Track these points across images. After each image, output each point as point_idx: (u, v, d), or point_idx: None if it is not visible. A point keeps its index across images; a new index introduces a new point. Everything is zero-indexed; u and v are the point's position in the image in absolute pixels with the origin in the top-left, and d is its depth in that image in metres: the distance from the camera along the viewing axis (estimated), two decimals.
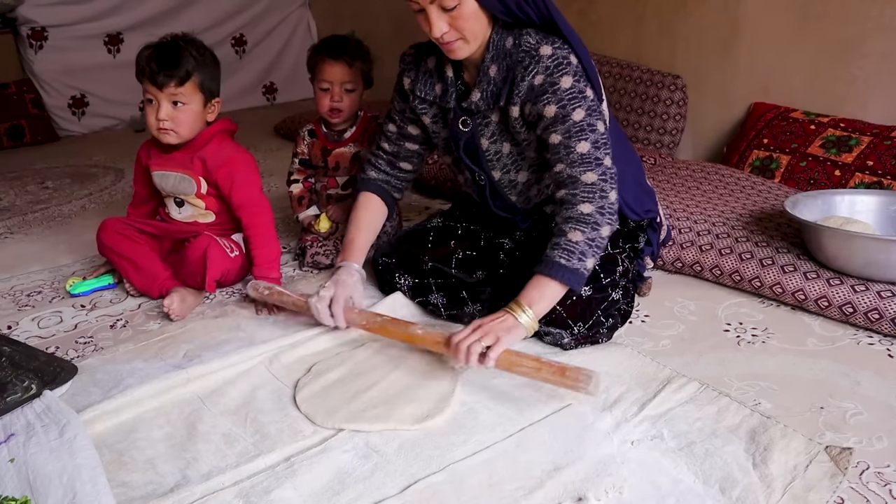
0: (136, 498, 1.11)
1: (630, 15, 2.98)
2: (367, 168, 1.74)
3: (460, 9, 1.36)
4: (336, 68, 1.87)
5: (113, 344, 1.61)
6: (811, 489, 1.07)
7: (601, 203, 1.40)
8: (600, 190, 1.40)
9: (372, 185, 1.73)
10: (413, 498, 1.09)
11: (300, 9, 4.72)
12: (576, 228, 1.39)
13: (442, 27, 1.37)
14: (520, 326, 1.33)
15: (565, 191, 1.43)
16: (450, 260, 1.71)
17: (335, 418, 1.27)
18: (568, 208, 1.41)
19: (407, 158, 1.72)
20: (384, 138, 1.72)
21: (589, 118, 1.41)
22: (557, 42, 1.42)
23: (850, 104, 2.34)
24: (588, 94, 1.42)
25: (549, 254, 1.39)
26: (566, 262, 1.37)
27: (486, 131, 1.55)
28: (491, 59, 1.45)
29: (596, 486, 1.09)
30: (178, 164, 1.78)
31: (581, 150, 1.41)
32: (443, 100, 1.56)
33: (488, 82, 1.47)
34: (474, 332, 1.31)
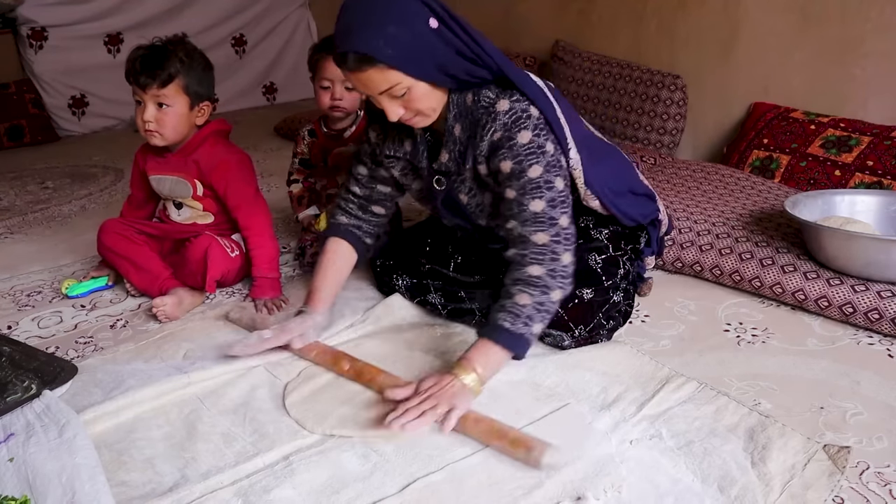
0: (136, 497, 1.11)
1: (630, 15, 2.98)
2: (337, 213, 1.64)
3: (410, 93, 1.28)
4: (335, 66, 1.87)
5: (113, 344, 1.61)
6: (809, 488, 1.08)
7: (552, 266, 1.32)
8: (551, 252, 1.32)
9: (342, 230, 1.61)
10: (412, 497, 1.09)
11: (300, 9, 4.72)
12: (524, 291, 1.31)
13: (397, 111, 1.31)
14: (468, 389, 1.25)
15: (515, 250, 1.36)
16: (448, 263, 1.70)
17: (326, 424, 1.25)
18: (517, 269, 1.34)
19: (379, 202, 1.62)
20: (354, 182, 1.61)
21: (546, 174, 1.33)
22: (515, 95, 1.34)
23: (850, 104, 2.34)
24: (548, 148, 1.34)
25: (493, 316, 1.32)
26: (510, 326, 1.29)
27: (462, 188, 1.49)
28: (454, 118, 1.38)
29: (595, 485, 1.09)
30: (173, 168, 1.78)
31: (534, 208, 1.33)
32: (413, 157, 1.49)
33: (454, 142, 1.40)
34: (425, 400, 1.22)
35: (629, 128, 2.87)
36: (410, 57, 1.24)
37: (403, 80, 1.26)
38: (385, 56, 1.22)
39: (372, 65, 1.23)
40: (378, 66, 1.23)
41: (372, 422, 1.26)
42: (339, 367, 1.42)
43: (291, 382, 1.39)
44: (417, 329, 1.62)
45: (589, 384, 1.37)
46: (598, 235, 1.58)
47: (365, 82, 1.27)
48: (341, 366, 1.42)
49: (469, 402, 1.24)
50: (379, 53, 1.22)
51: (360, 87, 1.30)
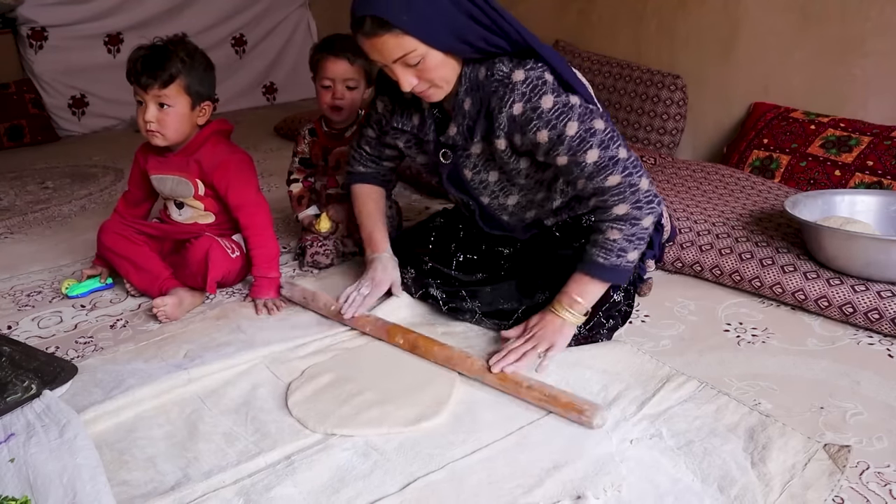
0: (137, 496, 1.11)
1: (630, 15, 2.98)
2: (353, 163, 1.76)
3: (425, 62, 1.30)
4: (338, 65, 1.88)
5: (113, 344, 1.61)
6: (809, 487, 1.08)
7: (635, 198, 1.37)
8: (629, 186, 1.37)
9: (364, 176, 1.74)
10: (412, 496, 1.09)
11: (300, 9, 4.72)
12: (613, 227, 1.38)
13: (410, 81, 1.33)
14: (567, 324, 1.37)
15: (596, 199, 1.41)
16: (450, 262, 1.71)
17: (327, 423, 1.26)
18: (604, 212, 1.40)
19: (389, 158, 1.73)
20: (364, 140, 1.71)
21: (583, 125, 1.35)
22: (529, 63, 1.34)
23: (850, 104, 2.34)
24: (572, 101, 1.35)
25: (588, 251, 1.40)
26: (603, 261, 1.38)
27: (468, 163, 1.51)
28: (465, 92, 1.39)
29: (595, 484, 1.10)
30: (174, 168, 1.78)
31: (591, 159, 1.36)
32: (420, 131, 1.51)
33: (463, 116, 1.42)
34: (527, 341, 1.33)
35: (629, 128, 2.87)
36: (426, 23, 1.25)
37: (418, 48, 1.27)
38: (401, 21, 1.24)
39: (388, 30, 1.25)
40: (394, 31, 1.25)
41: (373, 421, 1.26)
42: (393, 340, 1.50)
43: (294, 382, 1.39)
44: (419, 328, 1.62)
45: (589, 382, 1.37)
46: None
47: (380, 49, 1.28)
48: (395, 339, 1.50)
49: (568, 337, 1.38)
50: (395, 18, 1.23)
51: (375, 54, 1.30)
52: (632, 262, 1.40)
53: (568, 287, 1.40)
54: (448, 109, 1.46)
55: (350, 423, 1.26)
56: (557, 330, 1.36)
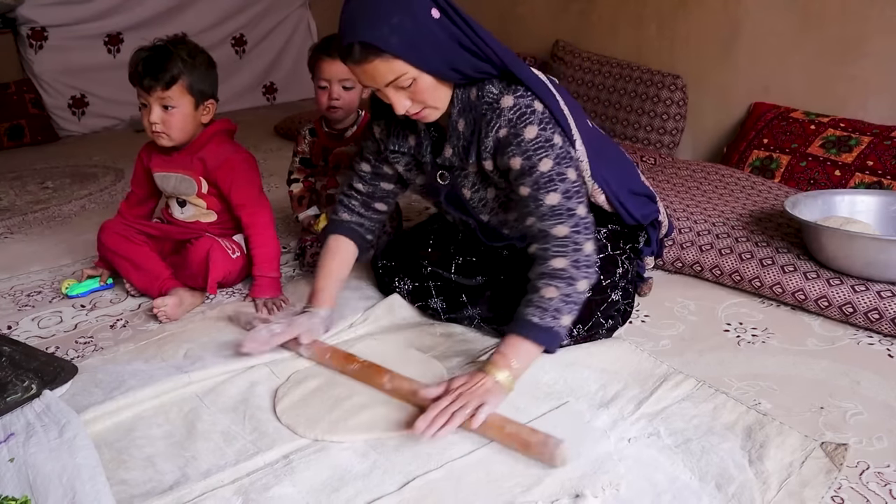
0: (136, 495, 1.11)
1: (630, 15, 2.98)
2: (339, 210, 1.64)
3: (416, 85, 1.29)
4: (334, 66, 1.88)
5: (113, 344, 1.61)
6: (807, 485, 1.08)
7: (575, 257, 1.31)
8: (573, 243, 1.32)
9: (344, 227, 1.62)
10: (411, 495, 1.09)
11: (300, 9, 4.72)
12: (549, 284, 1.30)
13: (404, 104, 1.31)
14: (499, 387, 1.24)
15: (537, 245, 1.35)
16: (449, 264, 1.70)
17: (317, 429, 1.24)
18: (541, 264, 1.33)
19: (382, 199, 1.63)
20: (357, 178, 1.62)
21: (557, 167, 1.33)
22: (520, 90, 1.34)
23: (850, 104, 2.34)
24: (556, 140, 1.34)
25: (521, 311, 1.31)
26: (538, 321, 1.28)
27: (466, 182, 1.49)
28: (458, 113, 1.38)
29: (593, 482, 1.10)
30: (178, 166, 1.78)
31: (550, 202, 1.33)
32: (417, 152, 1.50)
33: (458, 137, 1.41)
34: (455, 401, 1.21)
35: (629, 128, 2.87)
36: (415, 46, 1.24)
37: (409, 71, 1.27)
38: (390, 45, 1.23)
39: (377, 55, 1.24)
40: (383, 55, 1.24)
41: (363, 426, 1.25)
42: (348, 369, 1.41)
43: (281, 388, 1.38)
44: (417, 329, 1.62)
45: (587, 381, 1.37)
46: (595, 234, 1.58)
47: (371, 74, 1.27)
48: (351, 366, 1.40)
49: (501, 399, 1.24)
50: (384, 43, 1.22)
51: (367, 79, 1.30)
52: (564, 329, 1.30)
53: (500, 349, 1.29)
54: (444, 126, 1.45)
55: (340, 428, 1.24)
56: (488, 390, 1.23)
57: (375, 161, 1.58)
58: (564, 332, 1.32)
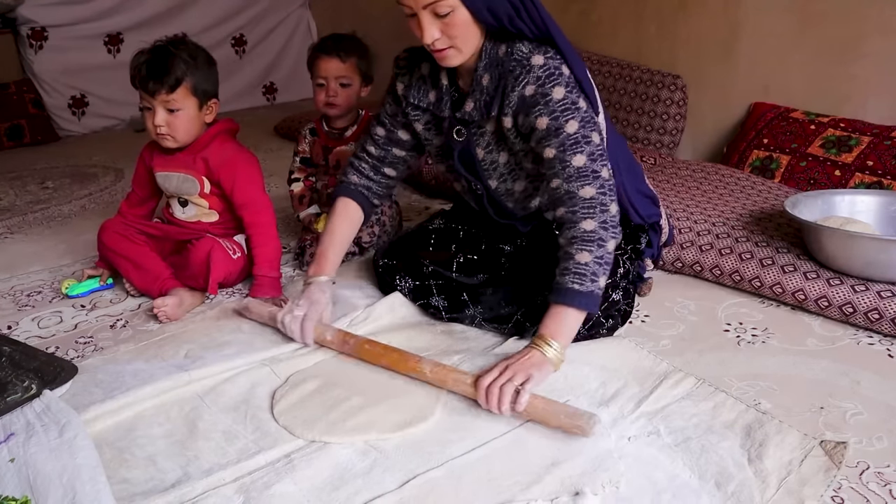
0: (138, 494, 1.11)
1: (630, 15, 2.98)
2: (348, 172, 1.68)
3: (453, 16, 1.31)
4: (330, 63, 1.90)
5: (113, 344, 1.61)
6: (806, 483, 1.08)
7: (603, 217, 1.35)
8: (600, 204, 1.35)
9: (352, 190, 1.66)
10: (411, 493, 1.09)
11: (300, 9, 4.72)
12: (582, 249, 1.34)
13: (434, 33, 1.33)
14: (548, 361, 1.29)
15: (564, 208, 1.38)
16: (451, 263, 1.70)
17: (315, 430, 1.24)
18: (570, 227, 1.36)
19: (393, 164, 1.66)
20: (371, 142, 1.65)
21: (583, 129, 1.36)
22: (550, 52, 1.37)
23: (850, 104, 2.34)
24: (581, 104, 1.37)
25: (561, 280, 1.34)
26: (580, 287, 1.32)
27: (481, 141, 1.51)
28: (484, 67, 1.41)
29: (593, 480, 1.10)
30: (181, 165, 1.78)
31: (577, 163, 1.36)
32: (437, 108, 1.52)
33: (481, 91, 1.43)
34: (503, 374, 1.25)
35: (629, 128, 2.87)
36: None
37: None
38: None
39: None
40: None
41: (360, 427, 1.24)
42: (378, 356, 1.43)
43: (279, 389, 1.37)
44: (418, 328, 1.62)
45: (587, 379, 1.38)
46: None
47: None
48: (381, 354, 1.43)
49: (548, 374, 1.29)
50: None
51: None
52: (601, 290, 1.35)
53: (546, 322, 1.33)
54: (464, 88, 1.48)
55: (337, 429, 1.24)
56: (536, 364, 1.27)
57: (391, 125, 1.62)
58: (601, 294, 1.35)
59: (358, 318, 1.65)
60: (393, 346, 1.45)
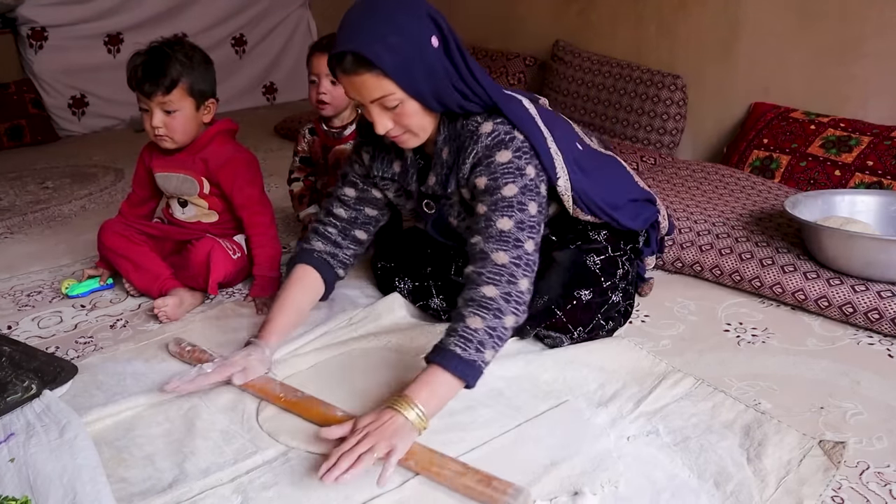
0: (136, 493, 1.11)
1: (630, 15, 2.98)
2: (311, 238, 1.55)
3: (402, 107, 1.27)
4: (322, 60, 1.87)
5: (113, 344, 1.61)
6: (804, 483, 1.08)
7: (508, 289, 1.25)
8: (509, 274, 1.26)
9: (315, 258, 1.53)
10: (411, 492, 1.10)
11: (300, 9, 4.72)
12: (475, 314, 1.23)
13: (386, 124, 1.29)
14: (410, 426, 1.14)
15: (473, 267, 1.29)
16: (450, 266, 1.70)
17: (299, 438, 1.23)
18: (471, 288, 1.27)
19: (364, 226, 1.56)
20: (339, 203, 1.55)
21: (521, 196, 1.30)
22: (500, 119, 1.33)
23: (850, 104, 2.34)
24: (528, 171, 1.31)
25: (444, 340, 1.23)
26: (461, 353, 1.19)
27: (451, 211, 1.47)
28: (443, 141, 1.37)
29: (592, 480, 1.10)
30: (180, 166, 1.78)
31: (501, 226, 1.28)
32: (402, 180, 1.47)
33: (441, 165, 1.39)
34: (361, 442, 1.10)
35: (629, 128, 2.87)
36: (407, 70, 1.23)
37: (396, 92, 1.25)
38: (383, 62, 1.21)
39: (368, 69, 1.22)
40: (374, 71, 1.22)
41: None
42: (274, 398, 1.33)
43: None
44: (418, 328, 1.62)
45: (587, 379, 1.38)
46: (596, 236, 1.57)
47: (359, 87, 1.26)
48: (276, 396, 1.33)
49: (410, 440, 1.14)
50: (377, 59, 1.21)
51: (354, 92, 1.28)
52: (485, 365, 1.22)
53: (416, 384, 1.19)
54: (430, 153, 1.44)
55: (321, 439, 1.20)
56: (398, 431, 1.12)
57: (363, 184, 1.54)
58: (484, 369, 1.22)
59: (357, 317, 1.65)
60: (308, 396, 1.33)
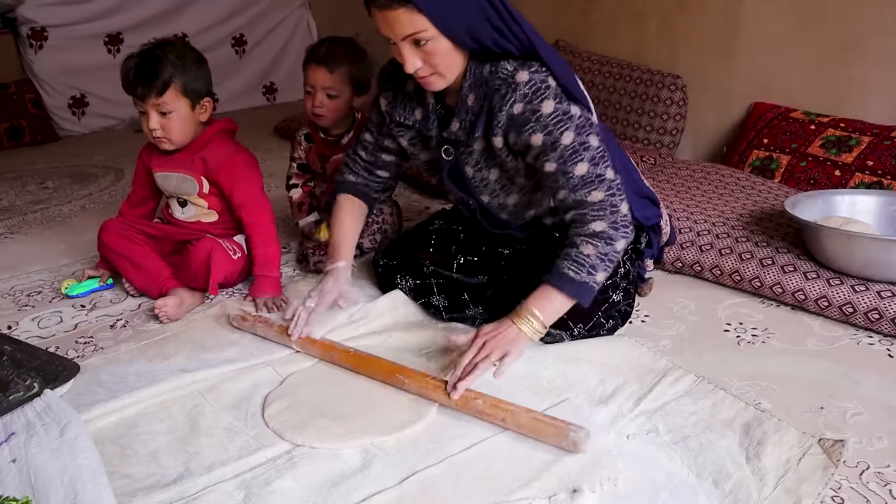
0: (140, 489, 1.12)
1: (630, 15, 2.98)
2: (344, 171, 1.69)
3: (433, 45, 1.28)
4: (317, 73, 1.85)
5: (113, 344, 1.61)
6: (804, 481, 1.08)
7: (613, 218, 1.35)
8: (610, 205, 1.35)
9: (350, 187, 1.67)
10: (411, 490, 1.10)
11: (300, 9, 4.72)
12: (588, 242, 1.34)
13: (416, 62, 1.30)
14: (523, 336, 1.30)
15: (574, 212, 1.37)
16: (451, 264, 1.70)
17: (305, 435, 1.23)
18: (580, 227, 1.36)
19: (384, 167, 1.66)
20: (361, 146, 1.66)
21: (579, 137, 1.34)
22: (534, 66, 1.34)
23: (850, 104, 2.34)
24: (573, 111, 1.35)
25: (559, 264, 1.34)
26: (574, 275, 1.32)
27: (469, 160, 1.49)
28: (469, 87, 1.38)
29: (591, 478, 1.10)
30: (179, 165, 1.78)
31: (579, 172, 1.35)
32: (423, 126, 1.49)
33: (466, 111, 1.40)
34: (480, 350, 1.27)
35: (629, 128, 2.87)
36: (442, 6, 1.25)
37: (429, 29, 1.26)
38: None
39: (402, 4, 1.23)
40: (408, 6, 1.23)
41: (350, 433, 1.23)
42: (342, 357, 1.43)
43: (271, 393, 1.37)
44: (419, 325, 1.63)
45: (587, 376, 1.38)
46: None
47: (392, 22, 1.27)
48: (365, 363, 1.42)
49: (523, 348, 1.30)
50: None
51: (386, 28, 1.29)
52: (598, 285, 1.35)
53: (531, 299, 1.33)
54: (451, 105, 1.46)
55: (327, 435, 1.23)
56: (512, 339, 1.28)
57: (378, 134, 1.61)
58: (597, 288, 1.35)
59: (357, 315, 1.64)
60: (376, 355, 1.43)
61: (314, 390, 1.38)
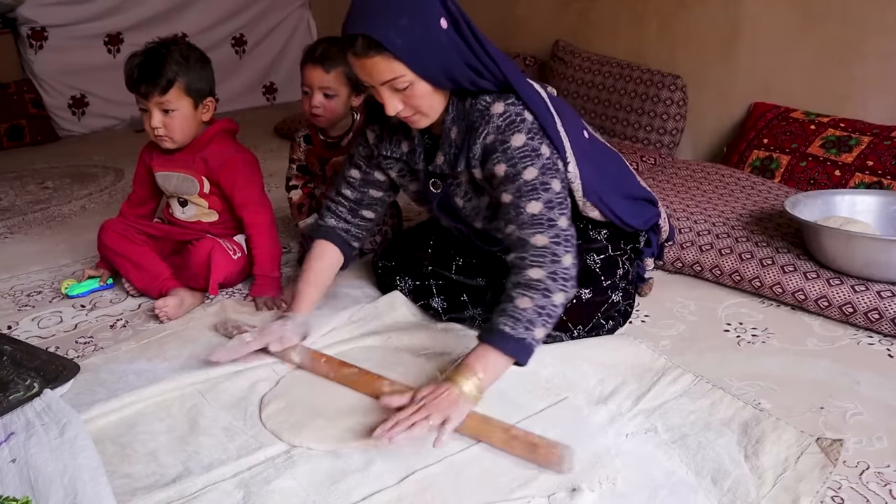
0: (139, 489, 1.12)
1: (630, 15, 2.98)
2: (325, 215, 1.62)
3: (412, 89, 1.27)
4: (314, 73, 1.84)
5: (113, 344, 1.61)
6: (802, 480, 1.09)
7: (552, 268, 1.28)
8: (552, 254, 1.29)
9: (330, 233, 1.60)
10: (410, 488, 1.10)
11: (300, 9, 4.72)
12: (524, 295, 1.26)
13: (396, 105, 1.29)
14: (465, 398, 1.20)
15: (515, 254, 1.32)
16: (450, 265, 1.70)
17: (302, 436, 1.23)
18: (517, 273, 1.30)
19: (370, 206, 1.60)
20: (346, 184, 1.59)
21: (542, 177, 1.31)
22: (511, 98, 1.33)
23: (850, 104, 2.34)
24: (543, 151, 1.32)
25: (494, 320, 1.27)
26: (510, 331, 1.24)
27: (458, 191, 1.47)
28: (451, 120, 1.37)
29: (590, 477, 1.10)
30: (180, 165, 1.78)
31: (532, 210, 1.30)
32: (410, 159, 1.48)
33: (450, 145, 1.39)
34: (418, 411, 1.17)
35: (629, 128, 2.87)
36: (418, 52, 1.24)
37: (407, 74, 1.26)
38: (393, 45, 1.21)
39: (379, 52, 1.23)
40: (385, 54, 1.22)
41: (348, 433, 1.23)
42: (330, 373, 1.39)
43: (268, 394, 1.37)
44: (418, 326, 1.62)
45: (586, 375, 1.38)
46: (596, 236, 1.57)
47: (369, 70, 1.26)
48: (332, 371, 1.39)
49: (465, 411, 1.20)
50: (387, 42, 1.21)
51: (364, 74, 1.29)
52: (537, 342, 1.25)
53: (468, 358, 1.25)
54: (437, 134, 1.44)
55: (324, 435, 1.23)
56: (453, 402, 1.18)
57: (366, 167, 1.56)
58: (536, 346, 1.26)
59: (357, 316, 1.65)
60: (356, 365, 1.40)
61: (310, 390, 1.37)
